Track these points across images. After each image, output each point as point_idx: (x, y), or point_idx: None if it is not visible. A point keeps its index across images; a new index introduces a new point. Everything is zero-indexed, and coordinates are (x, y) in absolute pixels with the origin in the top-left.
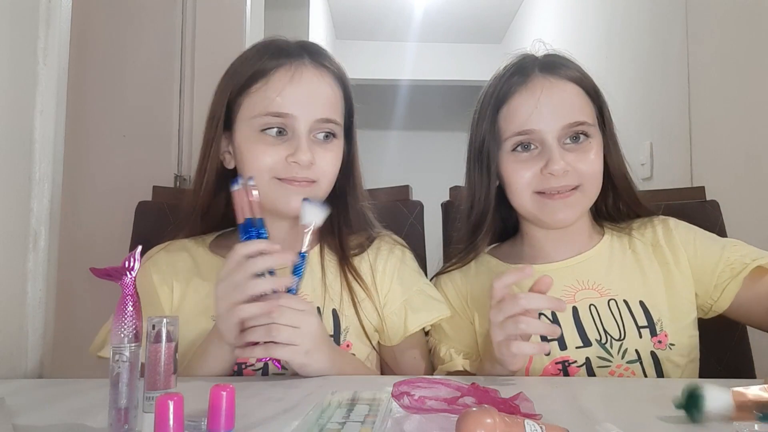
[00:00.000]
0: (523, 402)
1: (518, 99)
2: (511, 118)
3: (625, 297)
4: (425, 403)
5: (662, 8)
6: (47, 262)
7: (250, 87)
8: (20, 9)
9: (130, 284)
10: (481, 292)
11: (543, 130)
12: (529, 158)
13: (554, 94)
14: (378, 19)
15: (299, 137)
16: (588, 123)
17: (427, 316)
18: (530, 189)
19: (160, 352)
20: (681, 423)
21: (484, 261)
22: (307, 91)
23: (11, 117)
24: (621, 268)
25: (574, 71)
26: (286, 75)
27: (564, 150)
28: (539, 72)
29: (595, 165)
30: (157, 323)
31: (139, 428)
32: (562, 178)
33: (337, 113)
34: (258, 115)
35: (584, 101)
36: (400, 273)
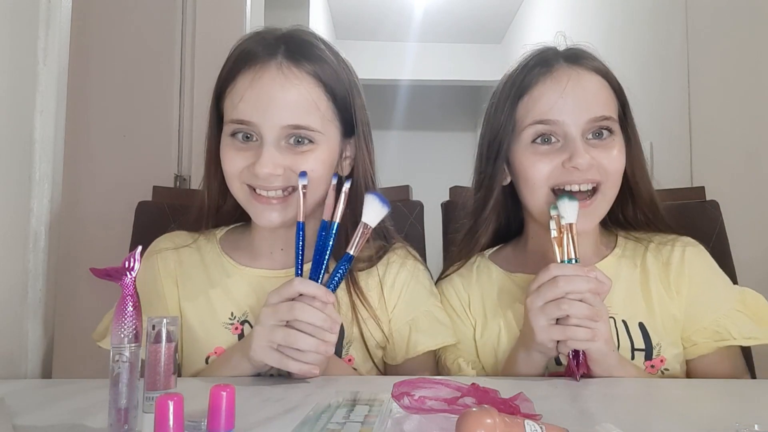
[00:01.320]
0: (523, 402)
1: (542, 88)
2: (532, 107)
3: (625, 317)
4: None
5: (662, 8)
6: (47, 262)
7: (225, 90)
8: (20, 9)
9: (130, 284)
10: (481, 300)
11: (566, 122)
12: (550, 151)
13: (581, 84)
14: (378, 19)
15: (262, 146)
16: (613, 118)
17: (431, 340)
18: (548, 184)
19: (160, 352)
20: (681, 423)
21: (484, 268)
22: (267, 96)
23: (11, 117)
24: (626, 288)
25: (600, 63)
26: (248, 78)
27: (587, 145)
28: (564, 62)
29: (617, 162)
30: (157, 323)
31: (139, 428)
32: (585, 172)
33: (313, 119)
34: (228, 121)
35: (610, 95)
36: (408, 289)
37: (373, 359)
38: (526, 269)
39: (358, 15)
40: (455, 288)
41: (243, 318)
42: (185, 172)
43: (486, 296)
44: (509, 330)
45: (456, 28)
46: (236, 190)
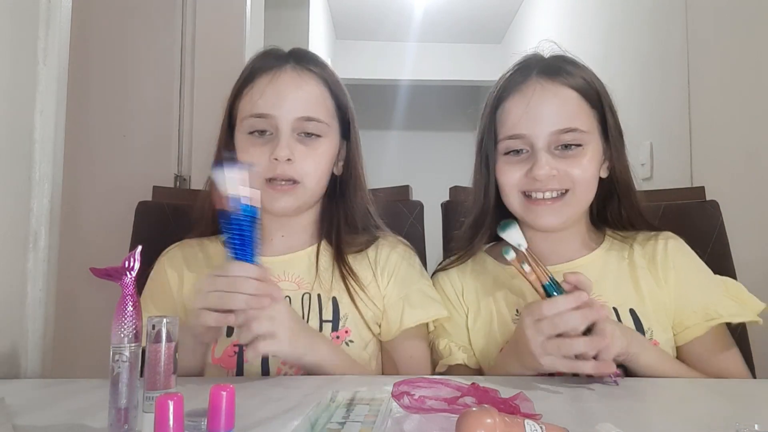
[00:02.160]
0: (523, 402)
1: (511, 101)
2: (503, 120)
3: (615, 304)
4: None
5: (662, 8)
6: (47, 262)
7: (242, 92)
8: (20, 9)
9: (130, 284)
10: (474, 290)
11: (532, 135)
12: (519, 161)
13: (546, 99)
14: (378, 19)
15: (280, 135)
16: (580, 130)
17: (423, 313)
18: (517, 190)
19: (160, 352)
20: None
21: (480, 260)
22: (285, 91)
23: (11, 117)
24: (615, 276)
25: (577, 77)
26: (267, 78)
27: (553, 156)
28: (536, 75)
29: (586, 171)
30: (157, 323)
31: (139, 428)
32: (547, 182)
33: (321, 112)
34: (245, 117)
35: (580, 108)
36: (400, 270)
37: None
38: None
39: (358, 15)
40: (450, 278)
41: None
42: (185, 172)
43: (480, 286)
44: (500, 317)
45: (456, 28)
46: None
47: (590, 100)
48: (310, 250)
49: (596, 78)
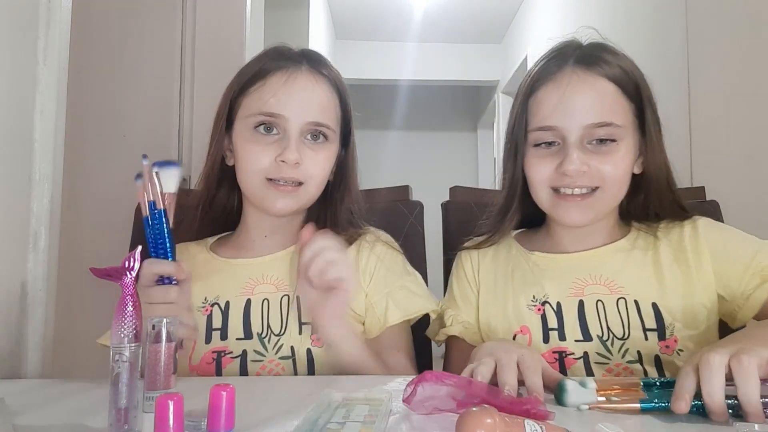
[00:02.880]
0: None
1: (544, 91)
2: (536, 111)
3: (637, 297)
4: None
5: (662, 8)
6: (47, 262)
7: (249, 88)
8: (20, 9)
9: (130, 284)
10: (494, 271)
11: (564, 127)
12: (548, 154)
13: (581, 91)
14: (378, 19)
15: (289, 137)
16: (616, 125)
17: (405, 311)
18: (547, 185)
19: (160, 352)
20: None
21: (506, 244)
22: (300, 94)
23: (11, 117)
24: (638, 268)
25: (615, 67)
26: (282, 78)
27: (585, 151)
28: (572, 64)
29: (619, 169)
30: (157, 323)
31: (139, 428)
32: (577, 178)
33: (330, 118)
34: (253, 114)
35: (617, 101)
36: (380, 269)
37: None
38: (542, 248)
39: (358, 15)
40: (471, 256)
41: (214, 301)
42: (185, 172)
43: (500, 268)
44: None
45: (456, 28)
46: (254, 184)
47: (628, 93)
48: (291, 250)
49: (636, 68)
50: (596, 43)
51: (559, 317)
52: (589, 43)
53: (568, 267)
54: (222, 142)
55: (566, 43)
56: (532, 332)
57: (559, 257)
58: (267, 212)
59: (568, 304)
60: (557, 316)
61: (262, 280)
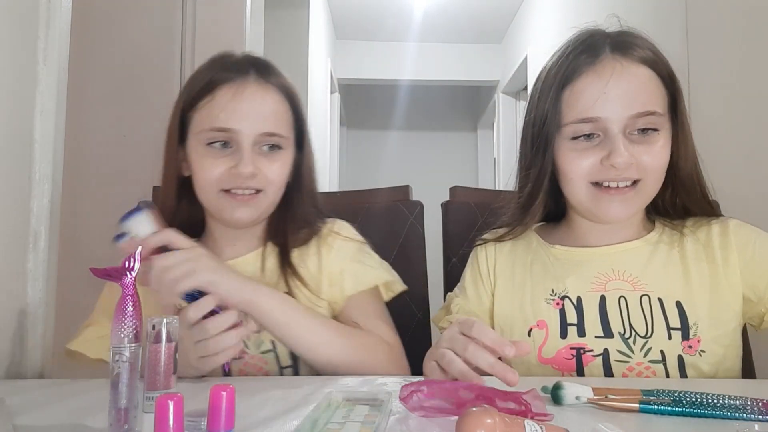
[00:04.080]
0: (535, 400)
1: (584, 81)
2: (574, 102)
3: (661, 295)
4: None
5: (662, 8)
6: (47, 262)
7: (197, 103)
8: (20, 9)
9: (130, 284)
10: (512, 263)
11: (608, 119)
12: (589, 147)
13: (625, 79)
14: (378, 19)
15: (242, 150)
16: (659, 113)
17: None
18: (587, 180)
19: (160, 352)
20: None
21: (527, 237)
22: (249, 106)
23: (11, 117)
24: (663, 265)
25: (649, 52)
26: (230, 91)
27: (629, 141)
28: (610, 52)
29: (660, 159)
30: (157, 323)
31: (139, 428)
32: (624, 171)
33: (282, 127)
34: (204, 130)
35: (657, 87)
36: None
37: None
38: (563, 242)
39: (358, 15)
40: (487, 251)
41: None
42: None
43: (518, 260)
44: (534, 293)
45: (456, 28)
46: (210, 196)
47: (664, 79)
48: (257, 252)
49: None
50: (625, 31)
51: (579, 312)
52: (617, 31)
53: (590, 261)
54: (176, 155)
55: (593, 32)
56: (550, 327)
57: (581, 251)
58: (227, 223)
59: (589, 299)
60: (577, 311)
61: None
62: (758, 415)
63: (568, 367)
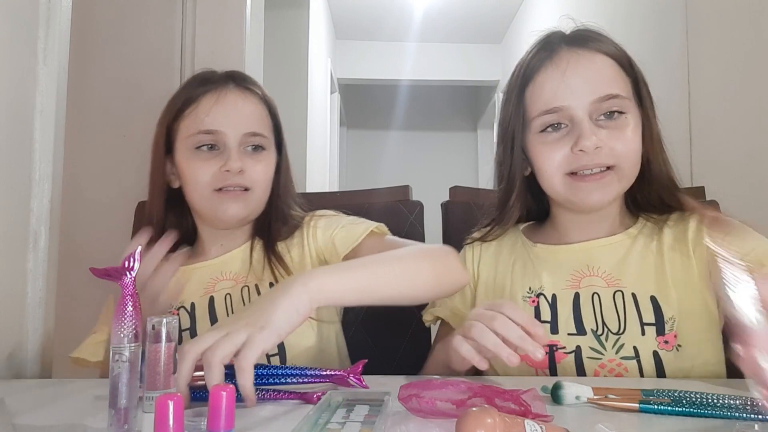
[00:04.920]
0: (535, 401)
1: (543, 75)
2: (537, 96)
3: (635, 290)
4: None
5: (662, 8)
6: (47, 262)
7: (182, 112)
8: (20, 9)
9: (130, 284)
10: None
11: (571, 106)
12: (559, 138)
13: (582, 66)
14: (378, 19)
15: (229, 149)
16: (622, 96)
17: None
18: (561, 171)
19: (160, 352)
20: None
21: (512, 236)
22: (232, 109)
23: (11, 117)
24: (639, 260)
25: (606, 44)
26: (213, 98)
27: (597, 127)
28: (566, 45)
29: (631, 143)
30: (156, 323)
31: (139, 428)
32: (594, 155)
33: (264, 128)
34: (191, 135)
35: (617, 73)
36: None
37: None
38: (546, 240)
39: (358, 15)
40: (473, 249)
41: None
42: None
43: (501, 259)
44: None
45: (456, 28)
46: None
47: (624, 67)
48: (244, 247)
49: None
50: (581, 28)
51: (553, 310)
52: (573, 29)
53: (566, 259)
54: (163, 168)
55: (550, 33)
56: None
57: (559, 249)
58: (220, 222)
59: (564, 296)
60: (551, 308)
61: (221, 277)
62: (758, 415)
63: (541, 365)
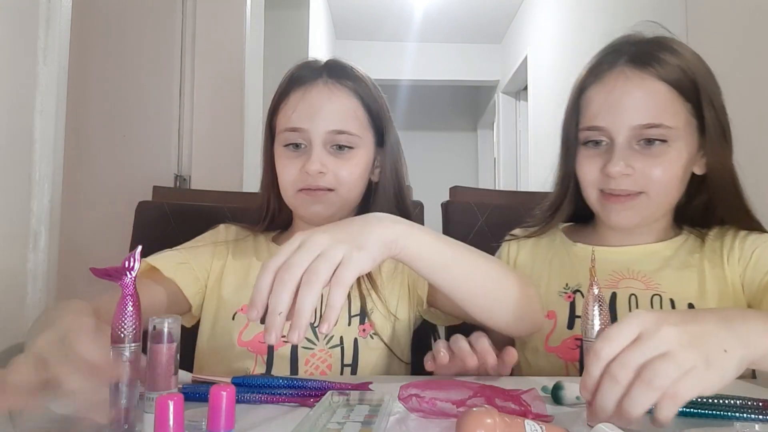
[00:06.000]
0: (535, 401)
1: (594, 90)
2: (584, 109)
3: (673, 296)
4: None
5: (662, 8)
6: (47, 262)
7: (278, 106)
8: (20, 9)
9: (130, 284)
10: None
11: (610, 128)
12: (597, 154)
13: (630, 90)
14: (378, 19)
15: (311, 149)
16: (665, 126)
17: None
18: (595, 187)
19: (161, 352)
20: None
21: (552, 234)
22: (316, 105)
23: (11, 117)
24: (679, 269)
25: (671, 67)
26: (300, 93)
27: (633, 152)
28: (624, 63)
29: (667, 172)
30: (158, 323)
31: (139, 428)
32: (621, 180)
33: (353, 125)
34: (281, 132)
35: (669, 101)
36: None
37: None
38: (586, 241)
39: (358, 15)
40: (510, 245)
41: None
42: (185, 172)
43: (539, 255)
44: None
45: (456, 28)
46: (289, 195)
47: (684, 93)
48: None
49: (698, 66)
50: (655, 41)
51: None
52: (648, 39)
53: (606, 259)
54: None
55: (624, 38)
56: (558, 318)
57: (600, 249)
58: (306, 220)
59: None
60: None
61: None
62: (758, 415)
63: (571, 357)
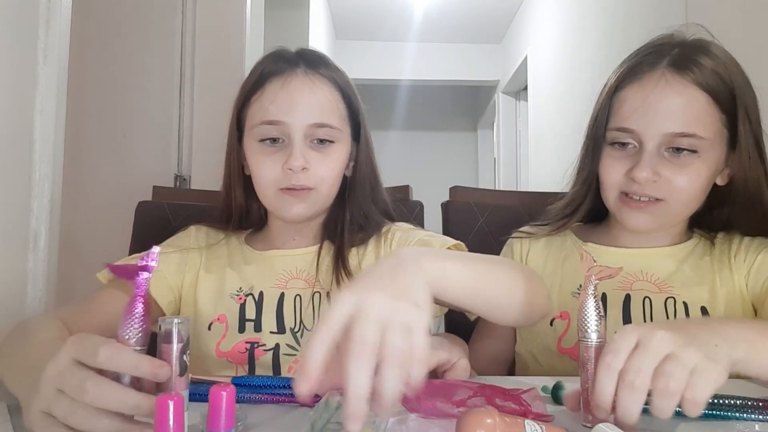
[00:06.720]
0: (535, 401)
1: (629, 90)
2: (617, 110)
3: (686, 299)
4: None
5: (663, 8)
6: (47, 262)
7: (250, 98)
8: (20, 9)
9: (143, 284)
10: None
11: (641, 132)
12: (623, 156)
13: (667, 96)
14: (378, 19)
15: (293, 143)
16: (698, 136)
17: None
18: (617, 188)
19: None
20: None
21: (563, 233)
22: (297, 97)
23: (11, 117)
24: (692, 272)
25: (710, 74)
26: (278, 84)
27: (661, 159)
28: (665, 66)
29: (692, 184)
30: (166, 324)
31: None
32: (644, 186)
33: (334, 118)
34: (256, 125)
35: (705, 111)
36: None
37: None
38: (598, 241)
39: (358, 15)
40: (522, 243)
41: (248, 291)
42: (185, 171)
43: (551, 255)
44: (562, 287)
45: (456, 28)
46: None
47: (721, 103)
48: (313, 249)
49: (737, 75)
50: (697, 44)
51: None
52: (690, 42)
53: (619, 261)
54: (237, 154)
55: (666, 38)
56: (572, 318)
57: (612, 250)
58: (283, 220)
59: (614, 296)
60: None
61: (296, 275)
62: (758, 415)
63: None
